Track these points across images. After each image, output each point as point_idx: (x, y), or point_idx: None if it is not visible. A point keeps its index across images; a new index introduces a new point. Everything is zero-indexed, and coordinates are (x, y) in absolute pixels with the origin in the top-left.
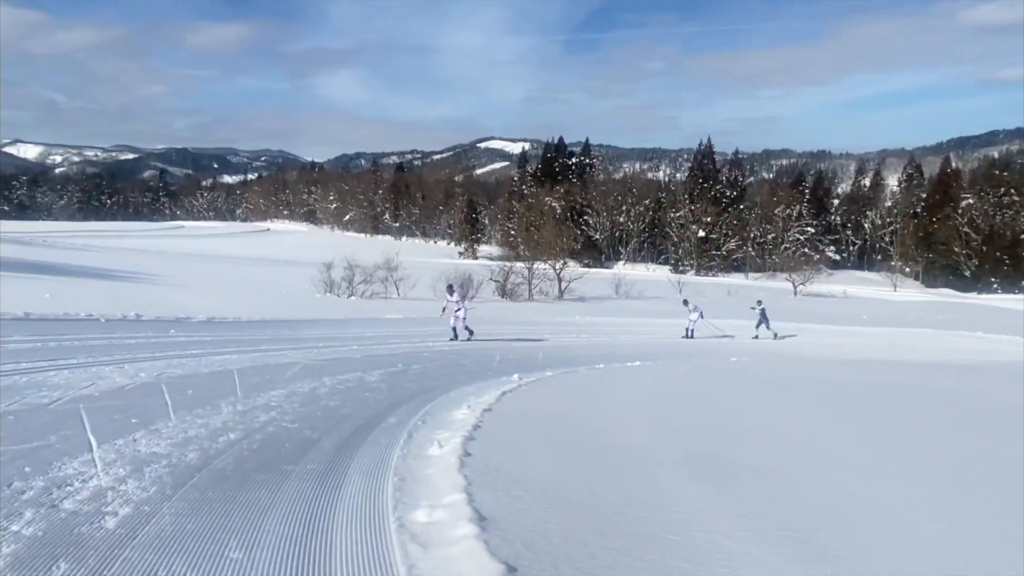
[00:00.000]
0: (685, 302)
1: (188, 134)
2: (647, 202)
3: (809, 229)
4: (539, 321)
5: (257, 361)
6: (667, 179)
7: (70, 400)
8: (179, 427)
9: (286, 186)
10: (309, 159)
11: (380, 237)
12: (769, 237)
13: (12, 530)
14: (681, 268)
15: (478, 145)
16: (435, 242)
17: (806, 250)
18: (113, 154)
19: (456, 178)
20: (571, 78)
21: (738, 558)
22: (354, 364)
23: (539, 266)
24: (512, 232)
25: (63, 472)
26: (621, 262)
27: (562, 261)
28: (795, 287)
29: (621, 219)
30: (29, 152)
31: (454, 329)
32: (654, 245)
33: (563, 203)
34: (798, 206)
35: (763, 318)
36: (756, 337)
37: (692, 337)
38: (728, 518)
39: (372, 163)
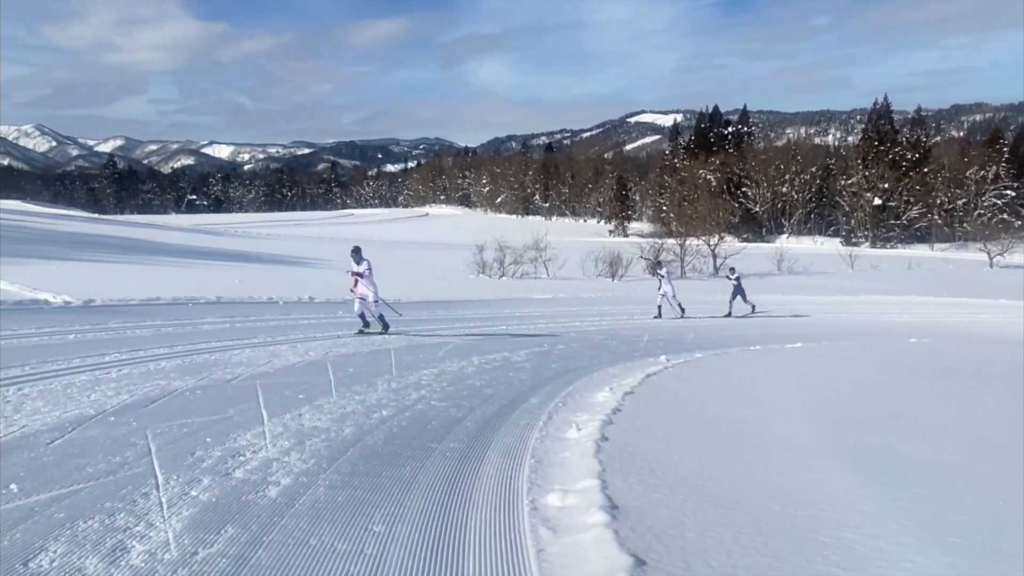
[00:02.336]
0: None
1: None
2: (814, 170)
3: (1008, 192)
4: (689, 300)
5: (412, 341)
6: (837, 144)
7: (249, 377)
8: (339, 403)
9: (442, 172)
10: (463, 144)
11: (530, 218)
12: (959, 203)
13: (192, 495)
14: (854, 240)
15: (628, 120)
16: (584, 221)
17: (1005, 216)
18: (291, 150)
19: (606, 155)
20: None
21: (900, 567)
22: (501, 344)
23: (692, 242)
24: (664, 208)
25: (237, 443)
26: (784, 235)
27: (717, 236)
28: (991, 258)
29: (784, 189)
30: (222, 152)
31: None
32: (822, 216)
33: (719, 175)
34: (995, 167)
35: (738, 290)
36: (729, 314)
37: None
38: (892, 521)
39: (522, 145)
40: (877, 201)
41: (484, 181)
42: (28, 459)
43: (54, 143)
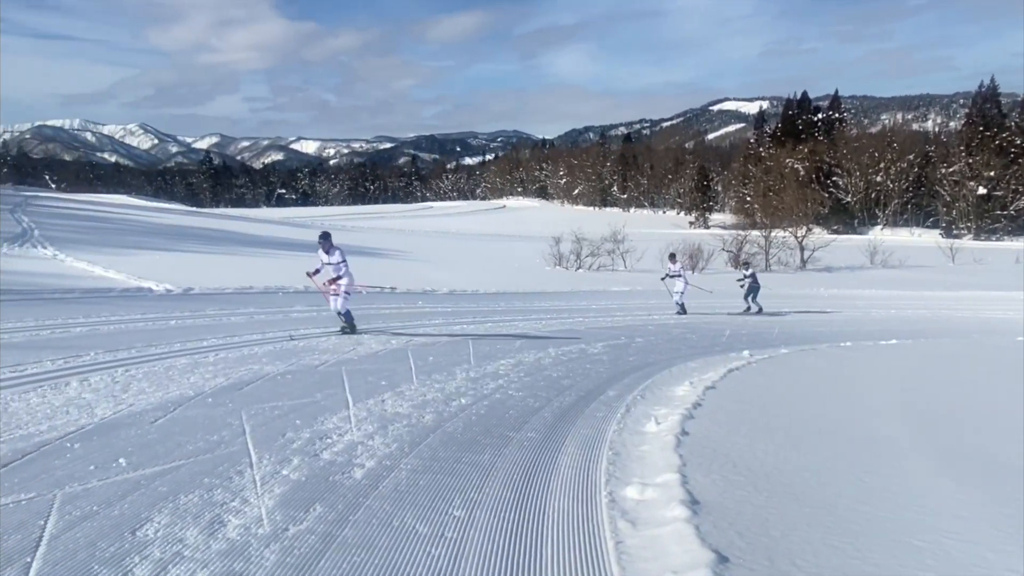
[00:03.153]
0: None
1: (434, 121)
2: (911, 157)
3: None
4: (775, 294)
5: (490, 331)
6: (937, 129)
7: (335, 363)
8: (419, 390)
9: (519, 164)
10: (540, 137)
11: (608, 210)
12: None
13: (283, 474)
14: (955, 232)
15: (710, 108)
16: (663, 212)
17: None
18: (374, 144)
19: (686, 145)
20: (815, 25)
21: None
22: (578, 336)
23: (778, 234)
24: (748, 198)
25: (325, 426)
26: (878, 227)
27: (805, 228)
28: None
29: (878, 178)
30: (309, 148)
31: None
32: (920, 207)
33: (807, 164)
34: None
35: (753, 288)
36: (749, 309)
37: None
38: (994, 528)
39: (600, 136)
40: (981, 190)
41: (561, 173)
42: (135, 435)
43: (156, 141)
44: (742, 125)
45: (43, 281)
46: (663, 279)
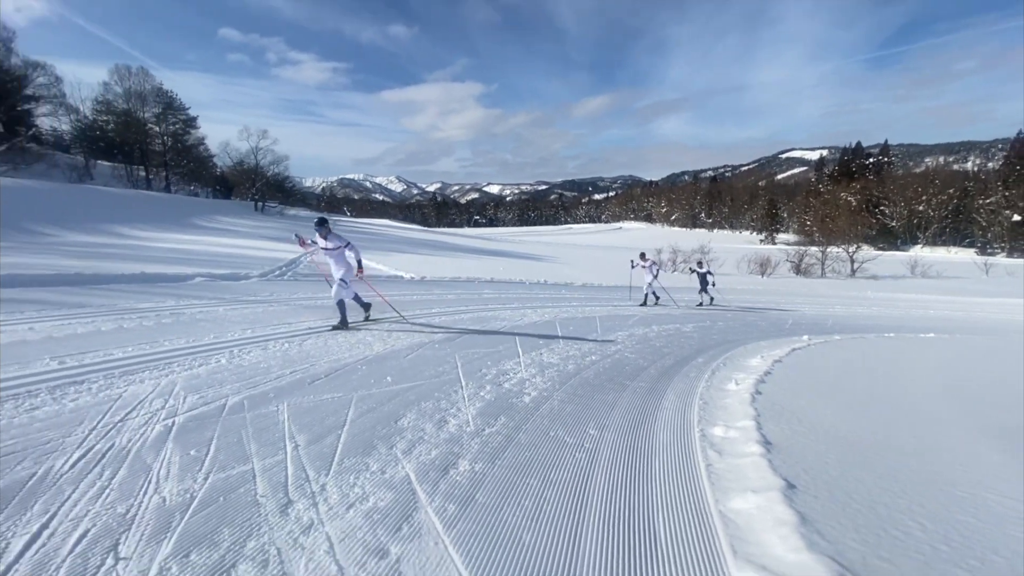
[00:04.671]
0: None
1: (574, 169)
2: (951, 191)
3: None
4: (830, 294)
5: (611, 312)
6: (976, 168)
7: (510, 327)
8: (564, 349)
9: (632, 198)
10: (648, 178)
11: (696, 230)
12: None
13: (480, 395)
14: (989, 250)
15: (780, 156)
16: (740, 232)
17: None
18: (535, 186)
19: (759, 183)
20: (871, 90)
21: None
22: (673, 319)
23: (832, 249)
24: (808, 223)
25: (504, 367)
26: (918, 245)
27: (855, 245)
28: None
29: (920, 208)
30: (494, 189)
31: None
32: (957, 230)
33: (859, 197)
34: None
35: (704, 281)
36: (701, 303)
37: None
38: None
39: (693, 177)
40: (1016, 217)
41: (663, 204)
42: (395, 363)
43: (404, 186)
44: (805, 168)
45: None
46: (632, 267)
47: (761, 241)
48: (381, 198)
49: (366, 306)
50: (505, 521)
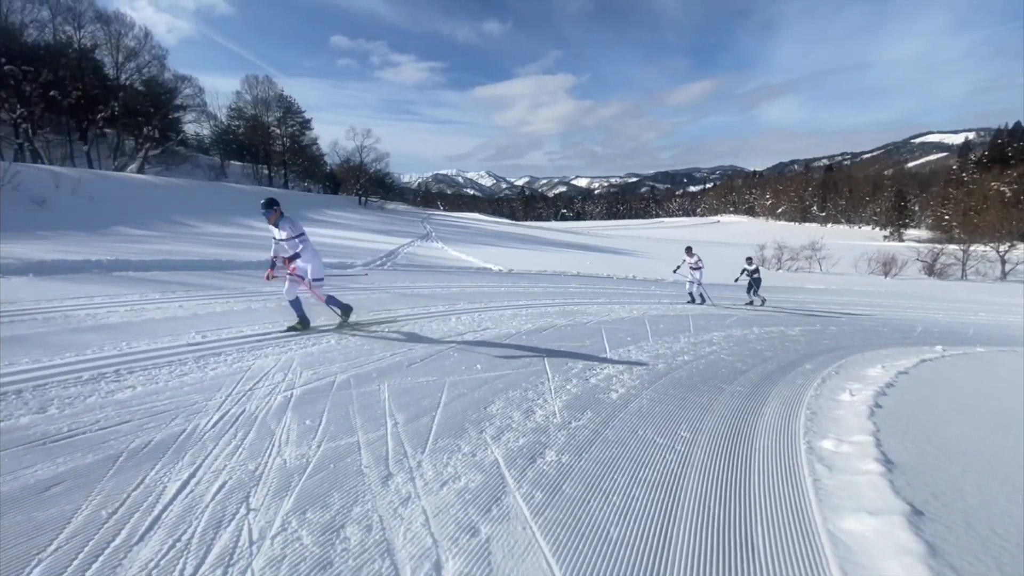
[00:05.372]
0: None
1: (668, 160)
2: None
3: None
4: (971, 300)
5: (705, 311)
6: None
7: (596, 322)
8: (654, 346)
9: (732, 190)
10: (751, 168)
11: (806, 224)
12: None
13: (566, 388)
14: None
15: (911, 141)
16: (859, 227)
17: None
18: (624, 179)
19: (885, 172)
20: None
21: None
22: (777, 320)
23: (977, 248)
24: (947, 217)
25: (591, 362)
26: None
27: (1008, 244)
28: None
29: None
30: (582, 182)
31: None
32: None
33: (1015, 187)
34: None
35: (754, 281)
36: (752, 303)
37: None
38: None
39: (804, 167)
40: None
41: (767, 196)
42: (485, 351)
43: (493, 181)
44: (944, 154)
45: (436, 261)
46: (675, 271)
47: (885, 237)
48: (472, 192)
49: (345, 308)
50: (592, 514)
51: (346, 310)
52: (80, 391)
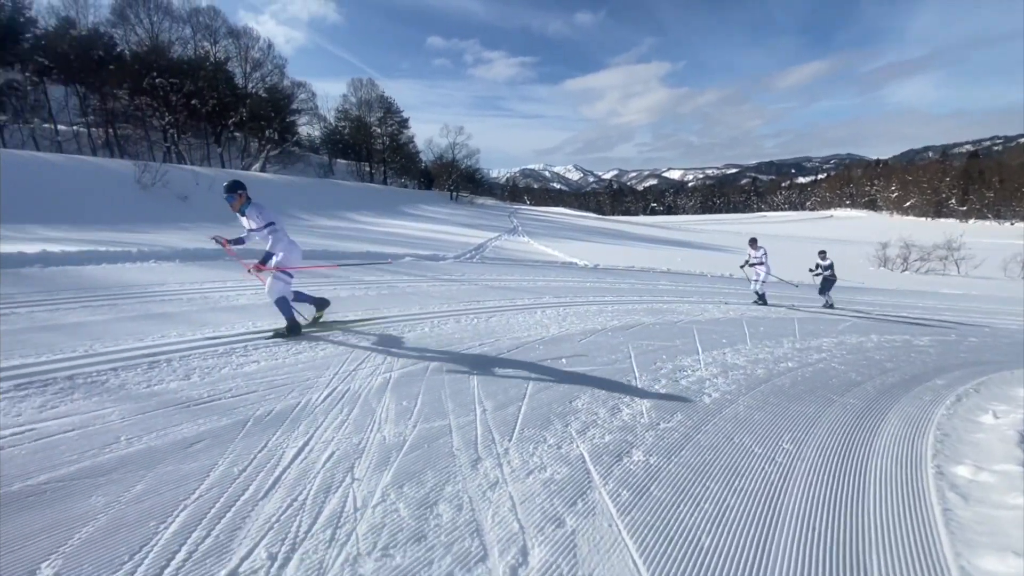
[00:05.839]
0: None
1: (774, 150)
2: None
3: None
4: None
5: (812, 315)
6: None
7: (688, 322)
8: (752, 350)
9: (850, 181)
10: (874, 157)
11: (941, 220)
12: None
13: (654, 388)
14: None
15: None
16: (1011, 224)
17: None
18: (723, 171)
19: None
20: None
21: None
22: (902, 328)
23: None
24: None
25: (682, 363)
26: None
27: None
28: None
29: None
30: (674, 174)
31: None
32: None
33: None
34: None
35: (827, 280)
36: (827, 304)
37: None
38: None
39: (940, 154)
40: None
41: (893, 188)
42: (569, 346)
43: (580, 174)
44: None
45: (522, 255)
46: (742, 266)
47: None
48: (558, 187)
49: (319, 303)
50: (682, 520)
51: (294, 325)
52: (216, 363)
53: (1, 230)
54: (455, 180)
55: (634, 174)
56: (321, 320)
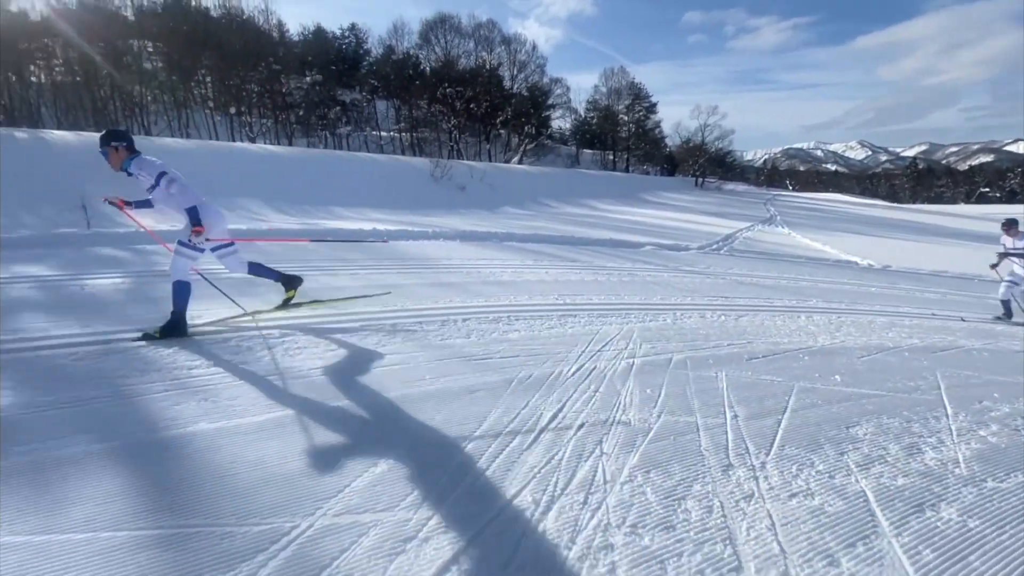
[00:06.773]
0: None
1: None
2: None
3: None
4: None
5: None
6: None
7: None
8: None
9: None
10: None
11: None
12: None
13: (980, 434)
14: None
15: None
16: None
17: None
18: None
19: None
20: None
21: None
22: None
23: None
24: None
25: (1021, 406)
26: None
27: None
28: None
29: None
30: (1020, 148)
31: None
32: None
33: None
34: None
35: None
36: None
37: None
38: None
39: None
40: None
41: None
42: (845, 362)
43: (869, 152)
44: None
45: (780, 249)
46: (994, 265)
47: None
48: (834, 168)
49: (288, 280)
50: None
51: (180, 323)
52: (488, 327)
53: (345, 211)
54: (701, 165)
55: (954, 149)
56: (293, 302)
